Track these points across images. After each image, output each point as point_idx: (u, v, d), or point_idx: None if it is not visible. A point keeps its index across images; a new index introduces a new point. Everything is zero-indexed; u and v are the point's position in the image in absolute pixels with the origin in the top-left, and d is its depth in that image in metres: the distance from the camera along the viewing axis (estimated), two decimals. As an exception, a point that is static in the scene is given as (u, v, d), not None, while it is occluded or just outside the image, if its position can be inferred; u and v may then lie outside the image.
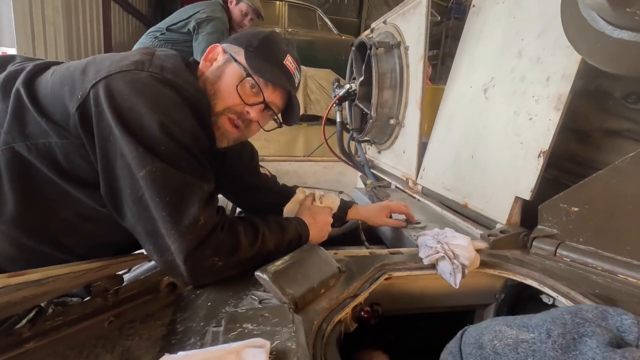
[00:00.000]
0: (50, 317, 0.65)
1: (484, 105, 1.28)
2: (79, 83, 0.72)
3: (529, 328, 0.40)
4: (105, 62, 0.75)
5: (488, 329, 0.44)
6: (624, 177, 0.80)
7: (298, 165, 2.32)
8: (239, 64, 0.86)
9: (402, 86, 1.72)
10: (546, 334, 0.37)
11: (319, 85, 4.08)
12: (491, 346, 0.41)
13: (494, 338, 0.41)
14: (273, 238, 0.84)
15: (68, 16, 4.28)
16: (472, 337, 0.44)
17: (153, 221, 0.69)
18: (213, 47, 0.91)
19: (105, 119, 0.68)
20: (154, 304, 0.75)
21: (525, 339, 0.39)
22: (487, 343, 0.41)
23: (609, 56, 0.74)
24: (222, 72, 0.87)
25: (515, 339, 0.39)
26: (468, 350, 0.44)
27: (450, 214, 1.32)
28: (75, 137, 0.72)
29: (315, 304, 0.72)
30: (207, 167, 0.79)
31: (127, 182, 0.69)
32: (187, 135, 0.73)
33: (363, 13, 10.17)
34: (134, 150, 0.67)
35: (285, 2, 6.08)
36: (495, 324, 0.44)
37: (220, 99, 0.86)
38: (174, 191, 0.69)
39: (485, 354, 0.40)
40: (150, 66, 0.75)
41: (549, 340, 0.37)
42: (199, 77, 0.89)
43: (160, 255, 0.71)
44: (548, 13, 1.06)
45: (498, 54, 1.27)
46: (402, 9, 1.72)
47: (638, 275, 0.79)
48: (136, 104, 0.69)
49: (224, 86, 0.86)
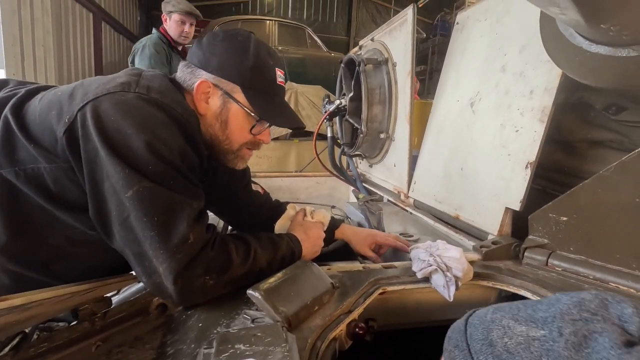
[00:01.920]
0: (35, 343, 0.63)
1: (471, 119, 1.31)
2: (66, 107, 0.72)
3: (538, 324, 0.39)
4: (93, 85, 0.75)
5: (495, 323, 0.43)
6: (609, 185, 0.82)
7: (290, 180, 2.32)
8: (242, 107, 0.85)
9: (391, 101, 1.75)
10: (557, 332, 0.37)
11: (309, 102, 4.13)
12: (502, 344, 0.40)
13: (504, 335, 0.40)
14: (265, 255, 0.83)
15: (58, 37, 4.30)
16: (479, 332, 0.43)
17: (139, 243, 0.68)
18: (201, 82, 0.84)
19: (92, 140, 0.68)
20: (144, 326, 0.73)
21: (536, 337, 0.38)
22: (497, 340, 0.40)
23: (587, 70, 0.76)
24: (228, 117, 0.87)
25: (527, 337, 0.39)
26: (477, 347, 0.42)
27: (443, 226, 1.32)
28: (63, 161, 0.72)
29: (309, 321, 0.71)
30: (197, 185, 0.78)
31: (114, 204, 0.69)
32: (174, 154, 0.72)
33: (351, 31, 10.44)
34: (120, 172, 0.67)
35: (275, 22, 6.22)
36: (501, 316, 0.43)
37: (235, 141, 0.89)
38: (162, 210, 0.68)
39: (497, 352, 0.40)
40: (137, 87, 0.75)
41: (562, 339, 0.36)
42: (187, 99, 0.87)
43: (148, 277, 0.70)
44: (528, 29, 1.10)
45: (482, 68, 1.31)
46: (389, 26, 1.77)
47: (629, 283, 0.80)
48: (123, 125, 0.69)
49: (236, 130, 0.88)
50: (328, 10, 10.40)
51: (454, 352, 0.45)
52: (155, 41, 2.69)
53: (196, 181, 0.78)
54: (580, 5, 0.56)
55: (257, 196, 1.24)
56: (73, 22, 4.83)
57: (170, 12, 2.69)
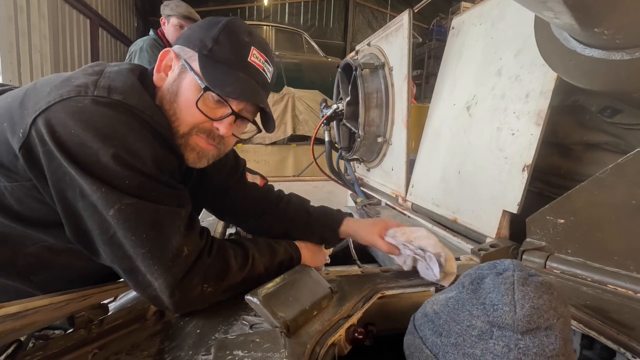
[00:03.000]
0: (30, 352, 0.62)
1: (468, 122, 1.32)
2: (17, 118, 0.63)
3: (451, 289, 0.57)
4: (45, 89, 0.65)
5: (427, 302, 0.61)
6: (606, 188, 0.83)
7: (288, 185, 2.32)
8: (194, 74, 0.72)
9: (388, 105, 1.76)
10: (461, 286, 0.54)
11: (307, 106, 4.15)
12: (431, 310, 0.57)
13: (432, 304, 0.58)
14: (263, 260, 0.82)
15: (55, 43, 4.30)
16: (419, 313, 0.61)
17: (130, 260, 0.64)
18: (165, 52, 0.77)
19: (56, 159, 0.61)
20: (141, 333, 0.72)
21: (450, 296, 0.55)
22: (428, 310, 0.58)
23: (582, 73, 0.77)
24: (179, 87, 0.74)
25: (445, 298, 0.56)
26: (419, 322, 0.59)
27: (441, 229, 1.32)
28: (25, 179, 0.65)
29: (307, 326, 0.70)
30: (181, 189, 0.73)
31: (95, 223, 0.63)
32: (149, 162, 0.65)
33: (348, 36, 10.51)
34: (97, 191, 0.61)
35: (272, 27, 6.24)
36: (433, 298, 0.60)
37: (182, 119, 0.74)
38: (150, 225, 0.64)
39: (430, 317, 0.56)
40: (95, 89, 0.65)
41: (464, 289, 0.53)
42: (155, 93, 0.77)
43: (142, 290, 0.67)
44: (523, 34, 1.12)
45: (478, 72, 1.32)
46: (385, 31, 1.78)
47: (627, 285, 0.80)
48: (85, 139, 0.61)
49: (183, 104, 0.73)
50: (325, 15, 10.47)
51: (411, 343, 0.59)
52: (150, 43, 2.68)
53: (178, 186, 0.73)
54: (574, 9, 0.56)
55: (255, 189, 1.07)
56: (70, 28, 4.84)
57: (168, 15, 2.67)
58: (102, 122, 0.63)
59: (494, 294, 0.49)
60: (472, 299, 0.51)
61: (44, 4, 3.90)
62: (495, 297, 0.49)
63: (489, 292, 0.50)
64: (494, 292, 0.50)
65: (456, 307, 0.53)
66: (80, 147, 0.61)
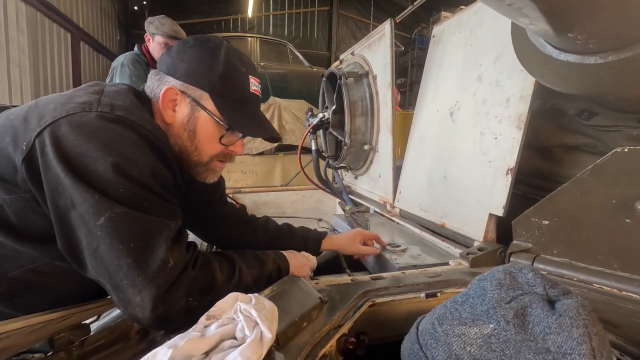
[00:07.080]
0: (5, 378, 0.59)
1: (452, 128, 1.34)
2: (21, 133, 0.66)
3: (484, 318, 0.43)
4: (49, 106, 0.69)
5: (449, 335, 0.45)
6: (586, 188, 0.84)
7: (276, 195, 2.30)
8: (211, 115, 0.80)
9: (373, 113, 1.78)
10: (504, 320, 0.41)
11: (293, 116, 4.15)
12: (467, 354, 0.43)
13: (464, 345, 0.43)
14: (251, 272, 0.81)
15: (35, 57, 4.22)
16: (440, 352, 0.45)
17: (113, 272, 0.63)
18: (167, 89, 0.81)
19: (52, 168, 0.63)
20: (124, 353, 0.69)
21: (489, 333, 0.42)
22: (462, 352, 0.43)
23: (558, 77, 0.79)
24: (196, 126, 0.82)
25: (483, 336, 0.42)
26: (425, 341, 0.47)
27: (429, 234, 1.33)
28: (24, 191, 0.67)
29: (297, 338, 0.69)
30: (173, 203, 0.75)
31: (84, 233, 0.64)
32: (145, 174, 0.68)
33: (332, 46, 10.65)
34: (89, 199, 0.62)
35: (257, 38, 6.28)
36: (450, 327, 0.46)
37: (205, 152, 0.84)
38: (138, 235, 0.64)
39: None
40: (98, 105, 0.70)
41: (509, 326, 0.41)
42: (154, 115, 0.83)
43: (124, 308, 0.65)
44: (501, 40, 1.15)
45: (460, 79, 1.34)
46: (368, 40, 1.80)
47: (611, 283, 0.81)
48: (87, 149, 0.64)
49: (205, 141, 0.83)
50: (309, 26, 10.61)
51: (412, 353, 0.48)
52: (132, 58, 2.66)
53: (171, 199, 0.75)
54: (549, 15, 0.58)
55: (233, 209, 1.17)
56: (50, 42, 4.76)
57: (153, 33, 2.66)
58: (105, 136, 0.66)
59: (558, 336, 0.39)
60: (527, 340, 0.40)
61: (22, 18, 3.84)
62: (563, 341, 0.38)
63: (547, 332, 0.39)
64: (558, 334, 0.39)
65: (505, 351, 0.40)
66: (80, 157, 0.64)
